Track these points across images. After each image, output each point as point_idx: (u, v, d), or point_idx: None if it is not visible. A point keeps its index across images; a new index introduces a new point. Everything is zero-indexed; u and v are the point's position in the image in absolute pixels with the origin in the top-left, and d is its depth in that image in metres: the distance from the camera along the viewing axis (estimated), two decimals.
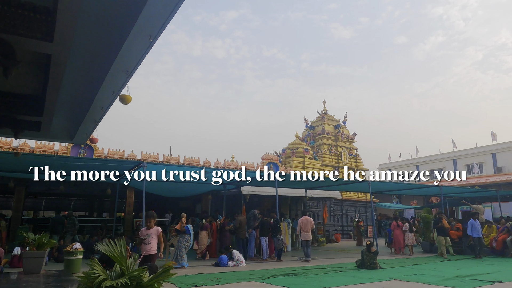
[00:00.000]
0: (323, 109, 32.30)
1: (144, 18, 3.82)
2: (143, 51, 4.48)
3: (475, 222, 14.58)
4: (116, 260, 2.96)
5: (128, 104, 5.49)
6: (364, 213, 28.86)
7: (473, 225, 14.51)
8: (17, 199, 16.11)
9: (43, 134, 8.33)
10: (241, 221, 13.61)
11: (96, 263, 2.95)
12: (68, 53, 4.46)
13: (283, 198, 21.05)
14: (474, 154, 36.66)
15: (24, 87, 6.15)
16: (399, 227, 16.11)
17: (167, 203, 21.46)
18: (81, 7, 3.60)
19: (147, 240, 6.21)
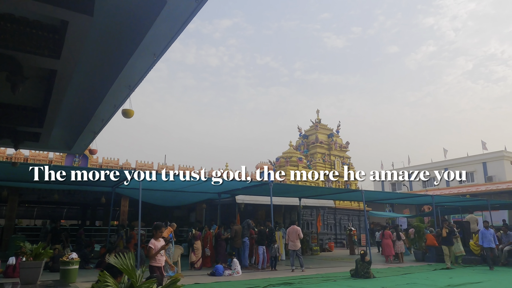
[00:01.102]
0: (317, 118, 32.59)
1: (150, 37, 3.96)
2: (147, 67, 4.62)
3: (487, 231, 13.78)
4: (126, 272, 3.06)
5: (131, 118, 5.60)
6: (357, 222, 29.04)
7: (484, 234, 13.80)
8: (10, 208, 16.03)
9: (41, 145, 8.39)
10: (236, 231, 13.68)
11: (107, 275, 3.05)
12: (74, 69, 4.59)
13: (278, 207, 21.17)
14: (465, 163, 37.17)
15: (25, 99, 6.25)
16: (386, 236, 16.57)
17: (161, 212, 21.44)
18: (91, 27, 3.74)
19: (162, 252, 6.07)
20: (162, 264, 5.99)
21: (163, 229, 6.27)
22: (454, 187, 34.66)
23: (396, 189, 41.36)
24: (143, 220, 21.25)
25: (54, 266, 11.33)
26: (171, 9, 3.50)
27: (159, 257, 5.91)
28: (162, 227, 6.22)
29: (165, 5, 3.44)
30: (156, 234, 6.08)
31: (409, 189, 39.18)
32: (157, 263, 5.86)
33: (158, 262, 5.89)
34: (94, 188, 15.74)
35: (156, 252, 5.84)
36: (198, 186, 14.67)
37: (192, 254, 13.39)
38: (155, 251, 5.84)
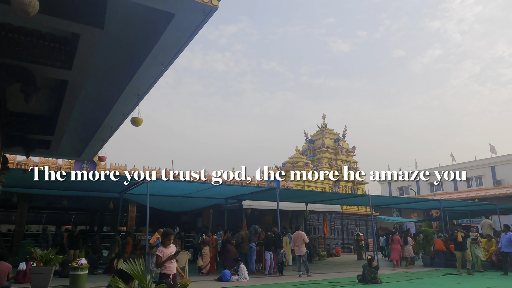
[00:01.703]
0: (323, 122, 32.62)
1: (159, 48, 4.07)
2: (155, 77, 4.73)
3: (506, 235, 13.31)
4: (137, 278, 3.14)
5: (140, 126, 5.72)
6: (364, 227, 28.91)
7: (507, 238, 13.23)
8: (20, 214, 16.24)
9: (51, 152, 8.56)
10: (243, 236, 13.72)
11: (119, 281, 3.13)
12: (84, 79, 4.72)
13: (284, 212, 21.17)
14: (473, 167, 36.83)
15: (37, 108, 6.40)
16: (395, 241, 16.62)
17: (168, 218, 21.55)
18: (101, 39, 3.86)
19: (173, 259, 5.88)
20: (173, 272, 5.87)
21: (172, 236, 6.06)
22: (462, 191, 34.38)
23: (404, 194, 41.11)
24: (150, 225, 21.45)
25: (64, 272, 11.45)
26: (179, 21, 3.61)
27: (169, 264, 5.79)
28: (171, 234, 6.05)
29: (174, 17, 3.55)
30: (165, 242, 5.95)
31: (417, 193, 38.93)
32: (167, 271, 5.78)
33: (168, 269, 5.80)
34: (102, 194, 15.90)
35: (164, 261, 5.72)
36: (205, 192, 14.76)
37: (200, 259, 13.45)
38: (163, 259, 5.75)
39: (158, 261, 5.79)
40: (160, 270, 5.83)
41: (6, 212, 23.40)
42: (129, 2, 3.45)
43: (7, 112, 6.41)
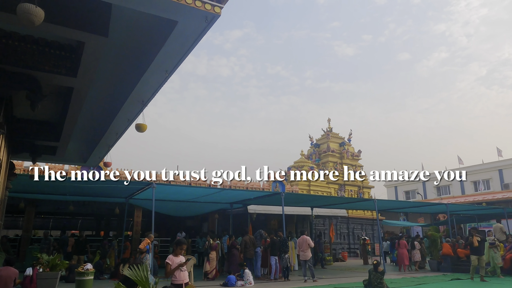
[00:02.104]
0: (328, 126, 32.55)
1: (162, 55, 4.12)
2: (159, 84, 4.78)
3: None
4: (140, 284, 3.16)
5: (144, 132, 5.77)
6: (370, 231, 28.73)
7: None
8: (27, 219, 16.35)
9: (58, 158, 8.66)
10: (246, 241, 13.69)
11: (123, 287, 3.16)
12: (90, 86, 4.78)
13: (290, 216, 21.11)
14: (480, 171, 36.54)
15: (43, 114, 6.48)
16: (402, 246, 16.49)
17: (174, 222, 21.57)
18: (106, 46, 3.92)
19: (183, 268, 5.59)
20: (184, 281, 5.59)
21: (184, 246, 5.79)
22: (470, 195, 34.07)
23: (410, 198, 40.85)
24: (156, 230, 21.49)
25: (70, 277, 11.50)
26: (182, 29, 3.65)
27: (178, 274, 5.51)
28: (184, 244, 5.78)
29: (177, 25, 3.60)
30: (176, 250, 5.72)
31: (423, 197, 38.64)
32: (177, 281, 5.52)
33: (179, 279, 5.55)
34: (108, 199, 15.97)
35: (174, 269, 5.46)
36: (210, 197, 14.78)
37: (207, 264, 13.44)
38: (172, 267, 5.49)
39: (167, 269, 5.52)
40: (171, 280, 5.56)
41: (14, 217, 23.55)
42: (133, 11, 3.50)
43: (14, 118, 6.50)
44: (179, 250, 5.70)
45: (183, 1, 3.27)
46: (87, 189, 12.56)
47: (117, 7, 3.50)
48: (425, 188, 40.74)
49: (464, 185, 37.18)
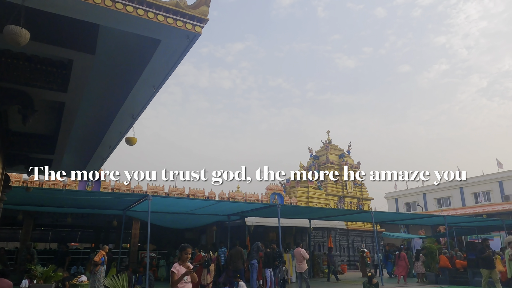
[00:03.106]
0: (327, 138, 32.66)
1: (149, 71, 4.28)
2: (148, 98, 4.93)
3: None
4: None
5: (134, 145, 5.90)
6: (370, 243, 28.57)
7: None
8: (25, 231, 16.41)
9: (53, 170, 8.78)
10: (232, 255, 13.63)
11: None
12: (80, 101, 4.94)
13: (288, 228, 21.10)
14: (481, 182, 36.46)
15: (37, 128, 6.64)
16: (401, 258, 16.50)
17: (172, 235, 21.59)
18: (93, 63, 4.08)
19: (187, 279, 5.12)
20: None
21: (189, 250, 5.30)
22: (470, 206, 33.94)
23: (411, 210, 40.69)
24: (155, 243, 21.49)
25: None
26: (166, 47, 3.82)
27: (182, 285, 5.04)
28: (188, 248, 5.29)
29: (160, 43, 3.76)
30: (182, 257, 5.19)
31: (424, 209, 38.51)
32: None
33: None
34: (106, 211, 16.05)
35: (180, 278, 5.00)
36: (207, 209, 14.85)
37: (208, 276, 13.48)
38: (178, 276, 5.01)
39: (173, 279, 5.02)
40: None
41: (13, 229, 23.59)
42: (119, 30, 3.67)
43: (9, 132, 6.66)
44: (185, 255, 5.17)
45: (165, 22, 3.44)
46: (84, 201, 12.68)
47: (104, 26, 3.67)
48: (426, 200, 40.61)
49: (464, 197, 37.07)
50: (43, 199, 12.19)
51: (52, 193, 11.41)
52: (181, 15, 3.51)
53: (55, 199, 12.30)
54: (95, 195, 11.46)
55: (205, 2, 3.69)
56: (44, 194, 11.43)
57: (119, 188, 18.39)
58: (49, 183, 16.72)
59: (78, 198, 11.72)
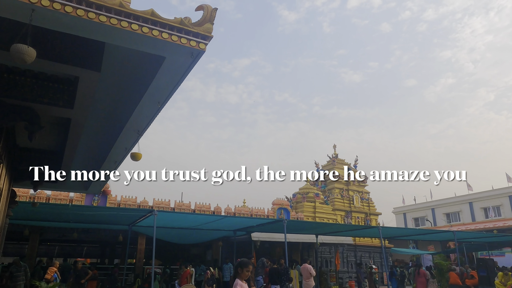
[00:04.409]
0: (334, 153, 32.53)
1: (154, 88, 4.31)
2: (153, 114, 4.96)
3: None
4: None
5: (139, 161, 5.92)
6: (379, 259, 28.10)
7: None
8: (31, 246, 16.42)
9: (59, 185, 8.83)
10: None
11: None
12: (86, 117, 4.99)
13: (294, 244, 20.86)
14: (490, 197, 35.90)
15: (44, 144, 6.70)
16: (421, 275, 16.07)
17: (178, 250, 21.44)
18: (99, 80, 4.13)
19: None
20: None
21: (250, 267, 4.91)
22: (480, 222, 33.40)
23: (420, 225, 40.10)
24: (160, 258, 21.34)
25: None
26: (170, 64, 3.85)
27: None
28: (250, 264, 4.89)
29: (164, 60, 3.80)
30: (243, 273, 4.76)
31: (433, 224, 37.92)
32: None
33: None
34: (111, 226, 16.03)
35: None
36: (213, 224, 14.75)
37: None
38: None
39: None
40: None
41: (19, 244, 23.59)
42: (124, 48, 3.72)
43: (17, 148, 6.72)
44: (246, 272, 4.74)
45: (169, 39, 3.48)
46: (90, 216, 12.68)
47: (109, 44, 3.72)
48: (435, 215, 40.04)
49: (474, 212, 36.48)
50: (49, 214, 12.21)
51: (58, 208, 11.44)
52: (186, 32, 3.54)
53: (61, 214, 12.31)
54: (101, 210, 11.46)
55: (209, 20, 3.73)
56: (50, 209, 11.46)
57: (125, 203, 18.41)
58: (55, 198, 16.80)
59: (84, 213, 11.73)
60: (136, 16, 3.32)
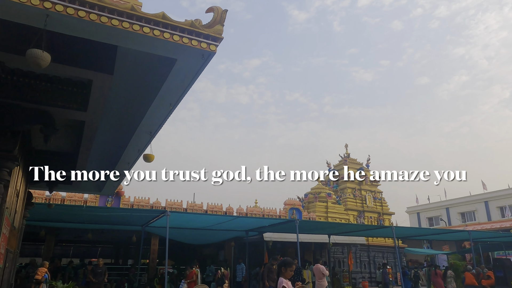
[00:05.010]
0: (345, 152, 32.31)
1: (165, 90, 4.36)
2: (165, 116, 5.01)
3: None
4: None
5: (151, 162, 5.98)
6: (392, 259, 27.81)
7: None
8: (47, 247, 16.70)
9: (74, 187, 8.97)
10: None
11: None
12: (100, 119, 5.06)
13: (307, 244, 20.79)
14: (507, 196, 35.23)
15: (59, 146, 6.81)
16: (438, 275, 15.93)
17: (191, 251, 21.56)
18: (112, 83, 4.19)
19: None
20: None
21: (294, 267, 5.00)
22: (496, 221, 32.82)
23: (434, 225, 39.57)
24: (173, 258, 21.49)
25: None
26: (181, 66, 3.89)
27: None
28: (293, 264, 5.00)
29: (176, 62, 3.83)
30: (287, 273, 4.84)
31: (447, 224, 37.38)
32: None
33: None
34: (125, 227, 16.20)
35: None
36: (225, 224, 14.80)
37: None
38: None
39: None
40: None
41: (36, 245, 24.05)
42: (136, 51, 3.76)
43: (33, 150, 6.85)
44: (290, 272, 4.85)
45: (180, 41, 3.51)
46: (104, 217, 12.84)
47: (121, 47, 3.77)
48: (449, 214, 39.46)
49: (490, 211, 35.85)
50: (64, 215, 12.41)
51: (73, 210, 11.61)
52: (196, 34, 3.57)
53: (76, 215, 12.50)
54: (114, 211, 11.60)
55: (219, 21, 3.75)
56: (66, 210, 11.64)
57: (138, 204, 18.59)
58: (70, 199, 17.05)
59: (98, 214, 11.89)
60: (147, 19, 3.36)
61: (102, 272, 12.53)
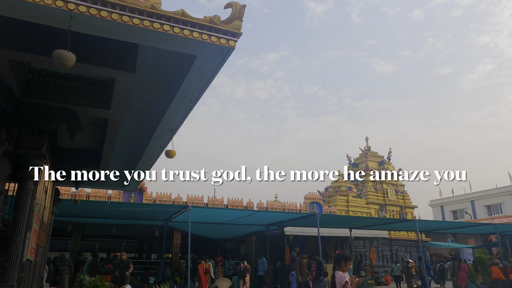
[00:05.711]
0: (366, 145, 31.93)
1: (186, 86, 4.42)
2: (185, 112, 5.08)
3: None
4: None
5: (173, 158, 6.08)
6: (415, 253, 27.40)
7: None
8: (74, 242, 17.23)
9: (99, 184, 9.20)
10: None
11: None
12: (122, 117, 5.17)
13: (328, 238, 20.73)
14: None
15: (83, 144, 7.01)
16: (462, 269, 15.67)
17: (212, 245, 21.81)
18: (134, 81, 4.27)
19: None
20: None
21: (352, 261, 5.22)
22: None
23: (458, 218, 38.71)
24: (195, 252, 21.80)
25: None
26: (201, 62, 3.93)
27: None
28: (352, 259, 5.18)
29: (196, 59, 3.88)
30: (345, 266, 5.05)
31: (473, 217, 36.50)
32: None
33: None
34: (148, 222, 16.53)
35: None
36: (245, 219, 14.92)
37: (244, 287, 13.54)
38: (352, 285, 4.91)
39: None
40: None
41: (63, 240, 24.79)
42: (157, 48, 3.83)
43: (59, 148, 7.07)
44: (349, 266, 5.10)
45: (199, 38, 3.54)
46: (128, 212, 13.15)
47: (142, 46, 3.84)
48: (474, 207, 38.53)
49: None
50: (90, 210, 12.76)
51: (98, 205, 11.94)
52: (215, 30, 3.60)
53: (101, 211, 12.84)
54: (138, 206, 11.86)
55: (238, 17, 3.77)
56: (91, 206, 11.97)
57: (160, 199, 18.92)
58: (95, 195, 17.50)
59: (122, 210, 12.17)
60: (167, 17, 3.40)
61: (125, 265, 12.83)
